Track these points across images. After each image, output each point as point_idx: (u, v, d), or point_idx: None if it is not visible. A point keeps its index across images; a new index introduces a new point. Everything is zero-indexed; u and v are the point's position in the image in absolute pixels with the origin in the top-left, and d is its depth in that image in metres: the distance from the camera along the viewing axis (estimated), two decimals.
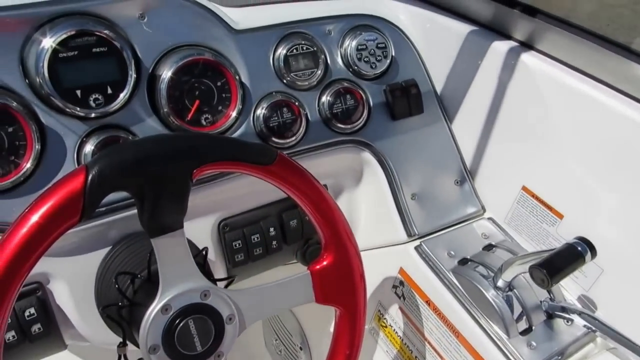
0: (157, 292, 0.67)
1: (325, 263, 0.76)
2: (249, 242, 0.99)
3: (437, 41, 1.09)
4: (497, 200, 1.07)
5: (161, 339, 0.67)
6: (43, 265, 0.84)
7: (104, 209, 0.84)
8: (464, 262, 0.98)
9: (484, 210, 1.10)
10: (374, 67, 1.04)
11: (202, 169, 0.65)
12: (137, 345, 0.75)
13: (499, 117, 1.02)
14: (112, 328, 0.81)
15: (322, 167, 1.00)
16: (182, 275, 0.68)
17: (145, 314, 0.67)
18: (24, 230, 0.57)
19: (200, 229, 0.97)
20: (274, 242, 1.02)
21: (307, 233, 1.06)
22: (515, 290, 0.90)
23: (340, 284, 0.77)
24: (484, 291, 0.90)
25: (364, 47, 1.03)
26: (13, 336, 0.82)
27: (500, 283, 0.89)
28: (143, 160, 0.61)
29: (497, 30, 1.02)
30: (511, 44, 1.00)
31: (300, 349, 1.44)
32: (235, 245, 0.98)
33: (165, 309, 0.67)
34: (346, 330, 0.79)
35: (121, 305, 0.73)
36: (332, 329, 1.32)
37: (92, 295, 0.87)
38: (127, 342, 0.78)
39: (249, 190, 0.99)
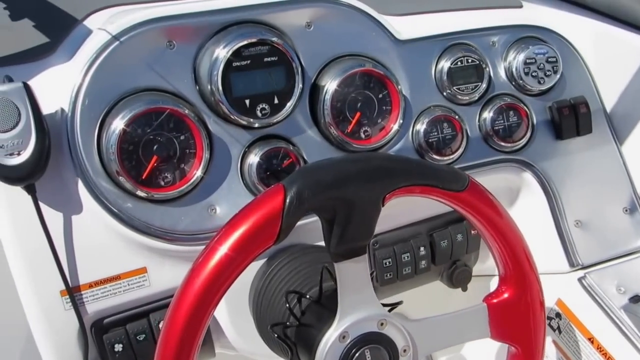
0: (334, 318, 0.64)
1: (505, 296, 0.71)
2: (399, 260, 0.95)
3: (610, 56, 1.00)
4: None
5: None
6: None
7: None
8: (636, 299, 0.89)
9: None
10: (541, 82, 0.97)
11: (395, 193, 0.61)
12: None
13: None
14: (270, 343, 0.80)
15: None
16: (360, 302, 0.65)
17: (322, 340, 0.64)
18: (219, 256, 0.56)
19: None
20: (423, 262, 0.98)
21: (455, 254, 1.01)
22: None
23: (520, 320, 0.71)
24: None
25: (533, 60, 0.96)
26: None
27: None
28: (341, 181, 0.58)
29: None
30: None
31: None
32: (386, 264, 0.95)
33: (342, 336, 0.64)
34: None
35: (289, 324, 0.72)
36: (466, 357, 1.27)
37: (246, 306, 0.86)
38: None
39: (399, 208, 0.95)
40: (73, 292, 0.76)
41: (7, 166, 0.69)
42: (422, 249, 0.97)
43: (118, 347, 0.80)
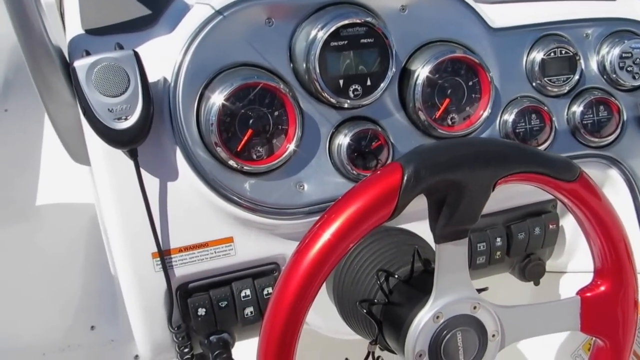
0: (427, 298, 0.66)
1: (601, 289, 0.70)
2: (474, 249, 0.95)
3: None
4: None
5: (428, 346, 0.66)
6: (282, 247, 0.86)
7: None
8: None
9: None
10: (636, 77, 0.95)
11: (507, 179, 0.61)
12: (384, 345, 0.74)
13: None
14: (350, 320, 0.81)
15: None
16: (457, 284, 0.66)
17: (415, 319, 0.65)
18: (329, 237, 0.57)
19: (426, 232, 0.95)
20: (498, 253, 0.97)
21: (531, 247, 1.00)
22: None
23: (612, 315, 0.71)
24: None
25: (629, 55, 0.94)
26: (251, 312, 0.85)
27: None
28: (456, 163, 0.59)
29: None
30: None
31: None
32: None
33: (436, 316, 0.65)
34: None
35: (377, 301, 0.73)
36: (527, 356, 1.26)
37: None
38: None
39: None
40: (164, 255, 0.80)
41: (115, 130, 0.72)
42: (498, 239, 0.97)
43: (201, 311, 0.83)
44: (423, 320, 0.65)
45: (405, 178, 0.58)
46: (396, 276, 0.73)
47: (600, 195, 0.67)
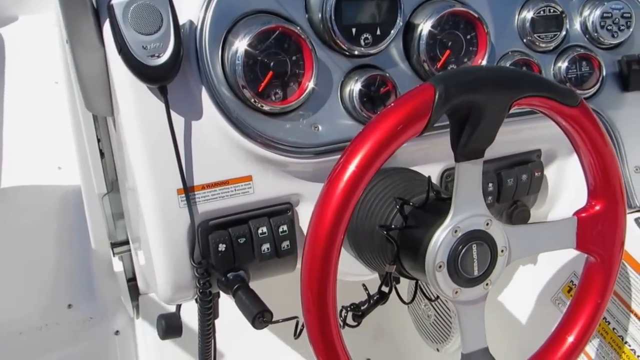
0: (445, 217, 0.72)
1: (596, 209, 0.79)
2: None
3: None
4: None
5: (447, 258, 0.72)
6: (297, 186, 0.92)
7: None
8: None
9: None
10: (615, 36, 1.04)
11: (520, 101, 0.69)
12: (399, 267, 0.81)
13: None
14: (364, 252, 0.87)
15: (540, 131, 1.02)
16: (472, 201, 0.73)
17: (436, 233, 0.72)
18: (377, 137, 0.64)
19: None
20: (489, 198, 1.05)
21: (518, 194, 1.08)
22: None
23: (604, 232, 0.80)
24: None
25: (609, 15, 1.03)
26: (267, 248, 0.90)
27: None
28: (480, 84, 0.67)
29: None
30: None
31: None
32: None
33: (455, 230, 0.72)
34: (598, 280, 0.81)
35: (394, 227, 0.79)
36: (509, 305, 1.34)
37: None
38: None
39: None
40: (188, 191, 0.84)
41: (149, 66, 0.77)
42: (490, 185, 1.04)
43: (221, 247, 0.87)
44: (443, 234, 0.72)
45: (437, 95, 0.65)
46: (411, 203, 0.79)
47: (596, 121, 0.76)
